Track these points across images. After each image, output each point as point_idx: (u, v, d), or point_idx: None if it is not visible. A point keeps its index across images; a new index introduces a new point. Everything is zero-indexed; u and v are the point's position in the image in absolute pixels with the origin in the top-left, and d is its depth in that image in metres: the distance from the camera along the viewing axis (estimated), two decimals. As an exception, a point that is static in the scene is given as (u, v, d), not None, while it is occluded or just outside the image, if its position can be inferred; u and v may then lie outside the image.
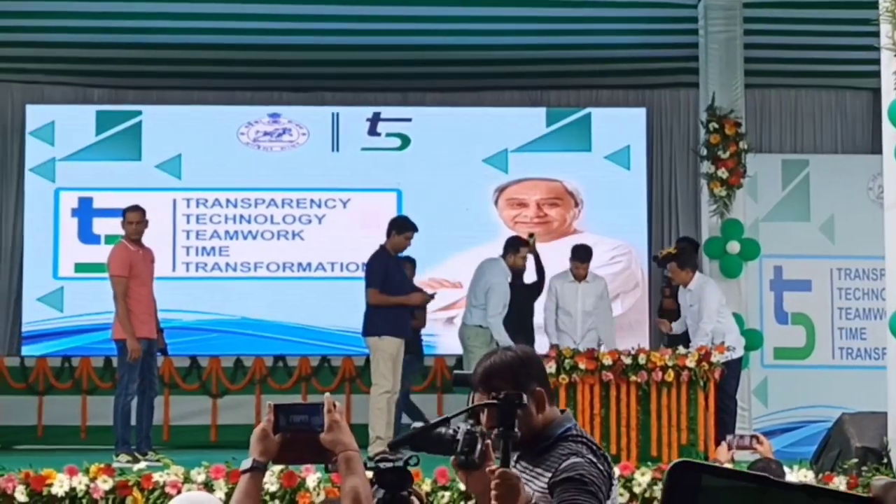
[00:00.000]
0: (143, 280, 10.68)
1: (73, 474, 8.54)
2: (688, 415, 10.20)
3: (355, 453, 3.37)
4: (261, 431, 3.38)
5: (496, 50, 13.55)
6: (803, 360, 13.14)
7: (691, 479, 1.26)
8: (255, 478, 3.38)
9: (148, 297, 10.73)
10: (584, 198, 14.06)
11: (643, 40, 13.36)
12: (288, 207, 13.81)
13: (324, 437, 3.36)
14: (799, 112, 14.34)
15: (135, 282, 10.60)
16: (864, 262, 12.88)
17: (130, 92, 14.06)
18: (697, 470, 1.27)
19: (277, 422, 3.38)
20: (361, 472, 3.38)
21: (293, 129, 13.97)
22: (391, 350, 10.67)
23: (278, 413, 3.38)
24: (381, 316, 10.75)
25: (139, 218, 10.84)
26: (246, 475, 3.37)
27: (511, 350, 4.13)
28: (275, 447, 3.37)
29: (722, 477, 1.29)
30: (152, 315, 10.76)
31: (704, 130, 12.36)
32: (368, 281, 10.90)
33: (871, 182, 12.95)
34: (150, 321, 10.69)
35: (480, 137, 13.90)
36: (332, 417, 3.37)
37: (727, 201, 12.19)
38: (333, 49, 13.44)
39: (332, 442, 3.36)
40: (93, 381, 13.12)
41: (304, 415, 3.38)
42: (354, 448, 3.38)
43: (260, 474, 3.40)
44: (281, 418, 3.38)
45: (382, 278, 10.79)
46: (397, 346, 10.75)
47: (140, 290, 10.63)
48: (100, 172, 13.65)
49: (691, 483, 1.26)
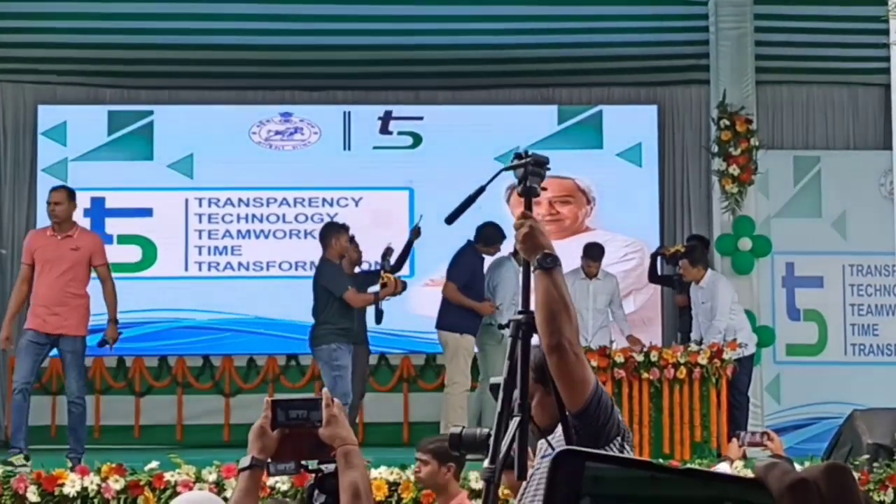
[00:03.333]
0: (52, 267, 9.70)
1: (85, 474, 8.57)
2: (700, 412, 10.20)
3: (354, 447, 3.37)
4: (259, 428, 3.37)
5: (507, 48, 13.55)
6: (815, 356, 13.12)
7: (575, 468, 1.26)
8: (255, 475, 3.37)
9: (58, 286, 9.69)
10: (596, 195, 14.04)
11: (654, 38, 13.35)
12: (300, 206, 13.82)
13: (322, 431, 3.36)
14: (810, 108, 14.30)
15: (43, 269, 9.69)
16: (877, 258, 12.85)
17: (142, 92, 14.08)
18: (580, 457, 1.26)
19: (275, 418, 3.37)
20: (360, 465, 3.38)
21: (305, 128, 13.98)
22: (470, 348, 11.02)
23: (276, 409, 3.37)
24: (461, 313, 10.96)
25: (57, 199, 9.91)
26: (245, 473, 3.36)
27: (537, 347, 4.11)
28: (273, 444, 3.36)
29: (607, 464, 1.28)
30: (60, 306, 9.70)
31: (716, 127, 12.37)
32: (452, 274, 11.09)
33: (882, 178, 12.92)
34: (52, 313, 9.68)
35: (492, 135, 13.87)
36: (330, 412, 3.36)
37: (739, 198, 12.21)
38: (345, 48, 13.46)
39: (330, 436, 3.36)
40: (106, 380, 13.17)
41: (303, 410, 3.37)
42: (353, 442, 3.39)
43: (259, 472, 3.38)
44: (279, 414, 3.37)
45: (468, 278, 10.99)
46: (473, 345, 11.08)
47: (45, 278, 9.67)
48: (112, 172, 13.67)
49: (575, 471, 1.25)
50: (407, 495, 8.57)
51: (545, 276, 3.57)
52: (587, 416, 3.59)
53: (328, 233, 11.06)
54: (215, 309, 13.52)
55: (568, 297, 3.55)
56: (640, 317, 13.72)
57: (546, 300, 3.55)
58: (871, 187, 13.15)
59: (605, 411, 3.61)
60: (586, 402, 3.57)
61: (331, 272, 10.84)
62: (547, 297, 3.55)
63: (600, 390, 3.63)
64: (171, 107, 13.93)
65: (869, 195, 13.08)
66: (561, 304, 3.52)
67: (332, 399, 3.40)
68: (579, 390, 3.58)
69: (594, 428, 3.61)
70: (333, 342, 10.52)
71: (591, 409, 3.58)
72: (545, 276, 3.57)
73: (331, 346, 10.51)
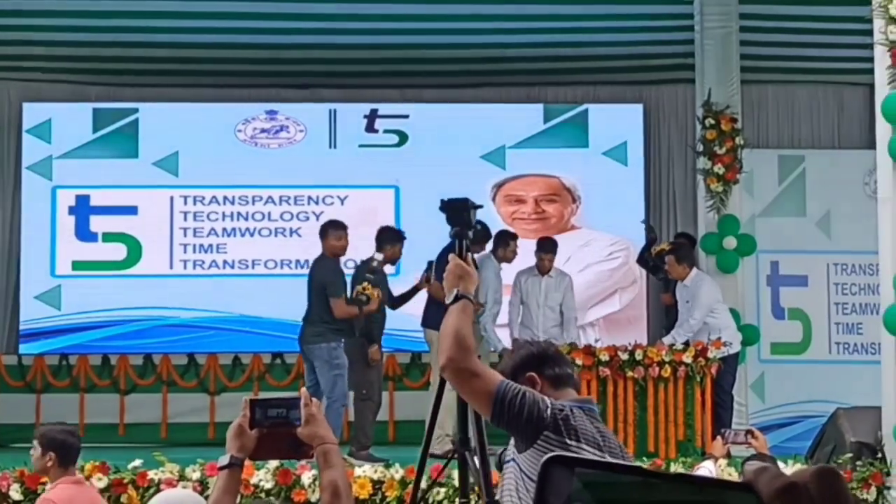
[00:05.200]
0: None
1: (69, 472, 8.54)
2: (685, 410, 10.21)
3: (333, 446, 3.38)
4: (237, 427, 3.37)
5: (493, 47, 13.56)
6: (800, 355, 13.15)
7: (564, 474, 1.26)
8: (234, 474, 3.37)
9: None
10: (582, 194, 14.06)
11: (640, 37, 13.36)
12: (285, 204, 13.81)
13: (301, 430, 3.36)
14: (795, 107, 14.33)
15: None
16: (861, 257, 12.88)
17: (127, 89, 14.05)
18: (570, 464, 1.26)
19: (254, 417, 3.37)
20: (340, 464, 3.39)
21: (290, 126, 13.97)
22: None
23: (254, 408, 3.37)
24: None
25: None
26: (224, 472, 3.37)
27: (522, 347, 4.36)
28: (252, 443, 3.37)
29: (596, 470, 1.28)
30: None
31: (701, 126, 12.40)
32: (437, 272, 10.96)
33: (867, 177, 12.93)
34: None
35: (478, 134, 13.90)
36: (308, 411, 3.37)
37: (724, 197, 12.23)
38: (331, 46, 13.44)
39: (309, 435, 3.36)
40: (91, 379, 13.15)
41: (282, 409, 3.37)
42: (332, 441, 3.39)
43: (238, 470, 3.39)
44: (257, 413, 3.37)
45: None
46: None
47: None
48: (97, 170, 13.64)
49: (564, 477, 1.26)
50: (391, 493, 8.58)
51: (449, 309, 4.00)
52: (501, 420, 3.80)
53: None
54: (200, 307, 13.50)
55: (464, 329, 3.91)
56: (626, 315, 13.75)
57: (443, 330, 3.93)
58: (855, 187, 13.18)
59: (514, 411, 3.78)
60: (491, 409, 3.80)
61: (329, 271, 10.67)
62: (444, 327, 3.93)
63: (501, 396, 3.80)
64: (157, 104, 13.90)
65: (853, 194, 13.11)
66: (450, 334, 3.88)
67: (310, 398, 3.41)
68: (480, 401, 3.89)
69: (515, 427, 3.80)
70: (333, 340, 10.36)
71: (498, 413, 3.79)
72: (449, 309, 4.00)
73: (330, 344, 10.34)
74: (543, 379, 4.03)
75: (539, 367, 4.07)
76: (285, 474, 8.57)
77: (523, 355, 4.16)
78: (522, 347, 4.28)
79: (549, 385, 4.02)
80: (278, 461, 8.32)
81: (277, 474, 8.59)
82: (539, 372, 4.04)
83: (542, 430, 3.76)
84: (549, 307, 11.48)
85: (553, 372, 4.06)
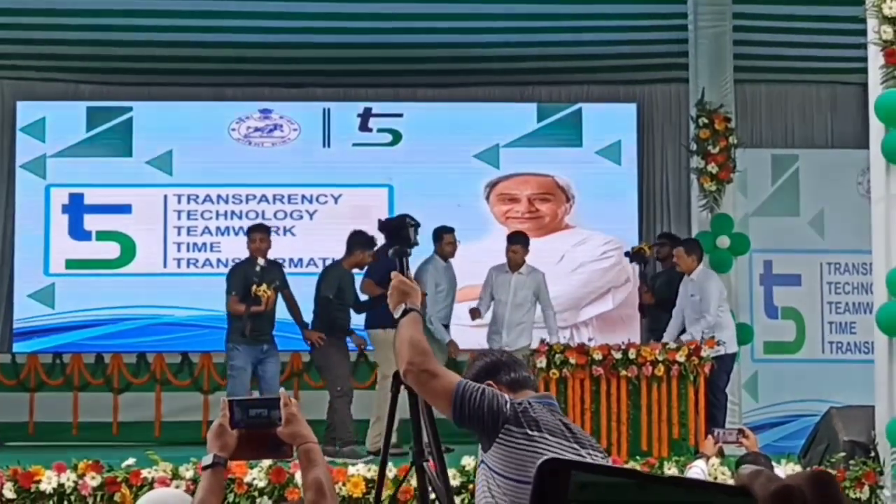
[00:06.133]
0: None
1: (62, 471, 8.55)
2: (678, 409, 10.21)
3: (315, 445, 3.40)
4: (218, 427, 3.38)
5: (487, 46, 13.56)
6: (793, 354, 13.16)
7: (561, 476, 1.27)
8: (218, 473, 3.36)
9: None
10: (576, 193, 14.06)
11: (633, 36, 13.36)
12: (279, 203, 13.80)
13: (282, 430, 3.37)
14: (789, 107, 14.35)
15: None
16: (854, 256, 12.90)
17: (121, 88, 14.04)
18: (566, 467, 1.27)
19: (233, 416, 3.38)
20: (322, 462, 3.40)
21: (284, 124, 13.97)
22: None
23: (234, 407, 3.38)
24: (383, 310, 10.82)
25: None
26: (208, 471, 3.36)
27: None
28: (234, 441, 3.37)
29: (592, 473, 1.29)
30: None
31: (694, 125, 12.40)
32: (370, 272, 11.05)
33: (860, 177, 12.96)
34: None
35: (472, 133, 13.90)
36: (289, 410, 3.38)
37: (717, 196, 12.22)
38: (325, 46, 13.44)
39: (290, 435, 3.38)
40: (84, 377, 13.14)
41: (262, 409, 3.39)
42: (313, 440, 3.41)
43: (222, 469, 3.38)
44: (237, 412, 3.38)
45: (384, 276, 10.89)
46: None
47: None
48: (91, 169, 13.64)
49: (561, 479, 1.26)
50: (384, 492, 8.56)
51: (400, 322, 4.20)
52: (463, 417, 3.87)
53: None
54: (194, 305, 13.48)
55: (417, 335, 4.09)
56: (619, 314, 13.76)
57: (398, 341, 4.10)
58: (849, 186, 13.20)
59: (474, 406, 3.86)
60: (451, 406, 3.88)
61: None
62: (398, 339, 4.11)
63: (461, 394, 3.89)
64: (151, 103, 13.90)
65: (847, 194, 13.13)
66: (405, 342, 4.05)
67: (290, 398, 3.42)
68: (441, 401, 3.96)
69: (477, 422, 3.86)
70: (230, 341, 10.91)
71: (459, 409, 3.87)
72: (400, 322, 4.20)
73: (228, 345, 10.92)
74: (501, 385, 4.09)
75: (495, 376, 4.14)
76: (278, 473, 8.57)
77: (479, 367, 4.23)
78: (477, 359, 4.33)
79: (508, 390, 4.08)
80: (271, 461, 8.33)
81: (271, 473, 8.59)
82: (495, 380, 4.12)
83: (502, 422, 3.81)
84: (517, 304, 11.38)
85: (509, 377, 4.14)
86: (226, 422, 3.37)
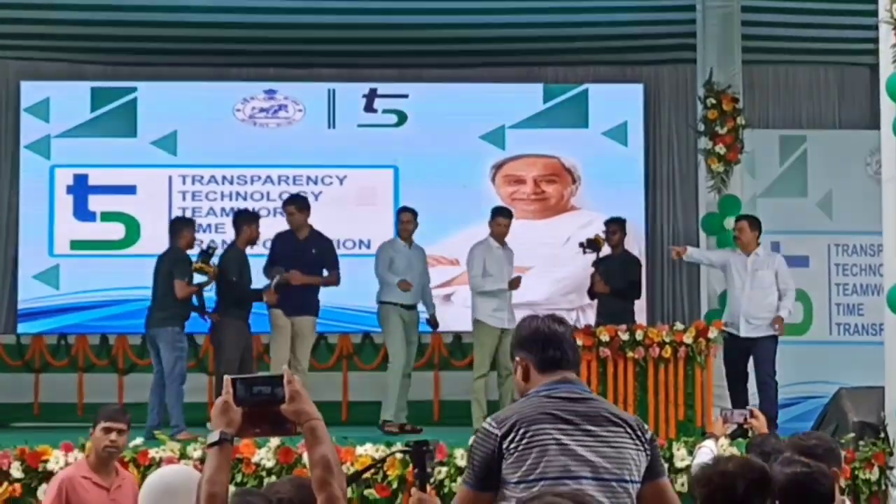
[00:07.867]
0: None
1: (69, 450, 8.53)
2: (685, 391, 10.19)
3: (319, 422, 3.37)
4: (223, 404, 3.35)
5: (493, 27, 13.49)
6: (801, 335, 13.11)
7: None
8: (225, 450, 3.34)
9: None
10: (582, 174, 14.02)
11: (640, 17, 13.30)
12: (284, 184, 13.77)
13: (286, 407, 3.35)
14: (797, 87, 14.30)
15: None
16: (862, 237, 12.88)
17: (126, 68, 14.00)
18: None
19: (237, 394, 3.35)
20: (328, 439, 3.37)
21: (289, 105, 13.93)
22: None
23: (237, 385, 3.35)
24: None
25: None
26: (215, 448, 3.33)
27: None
28: (239, 417, 3.35)
29: None
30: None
31: (702, 106, 12.34)
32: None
33: (868, 157, 12.92)
34: None
35: (477, 114, 13.86)
36: (292, 388, 3.35)
37: (725, 177, 12.18)
38: (330, 26, 13.37)
39: (295, 412, 3.35)
40: (89, 358, 13.13)
41: (266, 386, 3.36)
42: (318, 417, 3.38)
43: (229, 446, 3.36)
44: (240, 390, 3.35)
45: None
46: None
47: None
48: (95, 149, 13.61)
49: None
50: (392, 472, 8.56)
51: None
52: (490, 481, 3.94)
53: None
54: (199, 286, 13.43)
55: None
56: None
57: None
58: (857, 167, 13.16)
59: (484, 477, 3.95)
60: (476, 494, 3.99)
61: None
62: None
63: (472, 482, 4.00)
64: (155, 83, 13.86)
65: (855, 175, 13.09)
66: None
67: (292, 375, 3.39)
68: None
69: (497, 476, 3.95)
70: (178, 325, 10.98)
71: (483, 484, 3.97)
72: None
73: (175, 328, 10.97)
74: (529, 361, 4.07)
75: (529, 349, 4.10)
76: (286, 453, 8.55)
77: (520, 335, 4.18)
78: (524, 321, 4.24)
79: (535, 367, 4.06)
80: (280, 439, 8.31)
81: (279, 453, 8.57)
82: (526, 354, 4.09)
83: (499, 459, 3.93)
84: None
85: (543, 355, 4.08)
86: (230, 398, 3.34)
